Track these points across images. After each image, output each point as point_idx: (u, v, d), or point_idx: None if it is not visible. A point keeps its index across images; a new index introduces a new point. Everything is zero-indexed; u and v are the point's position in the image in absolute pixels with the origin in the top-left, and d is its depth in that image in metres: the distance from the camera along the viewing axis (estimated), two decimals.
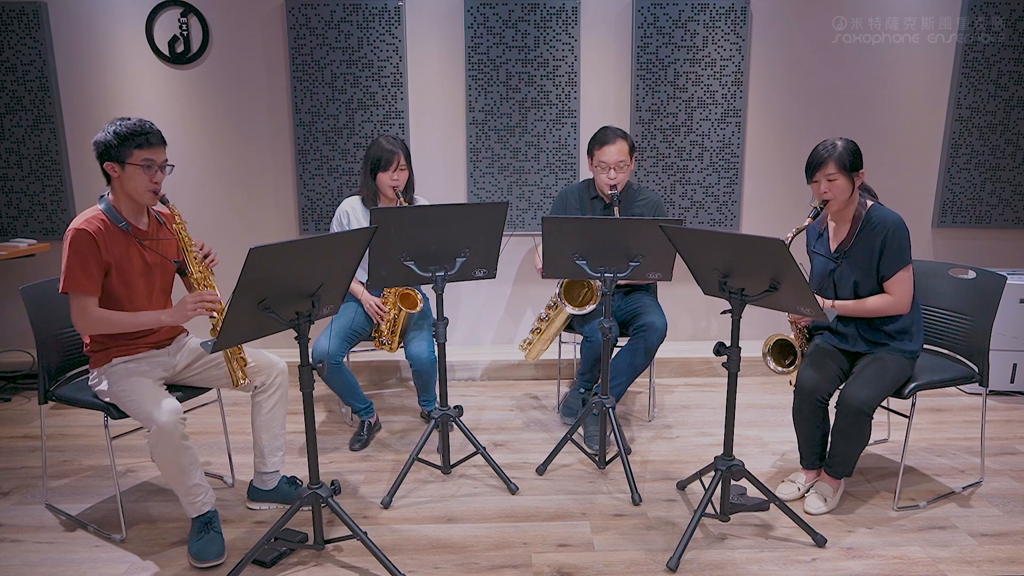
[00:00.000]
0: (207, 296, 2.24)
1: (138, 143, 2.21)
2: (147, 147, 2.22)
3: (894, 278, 2.44)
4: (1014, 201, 4.04)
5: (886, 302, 2.46)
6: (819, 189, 2.47)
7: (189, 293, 2.30)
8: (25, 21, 3.67)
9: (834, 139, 2.47)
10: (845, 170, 2.42)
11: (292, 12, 3.71)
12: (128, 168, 2.22)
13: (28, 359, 3.90)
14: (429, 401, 3.25)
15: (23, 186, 3.84)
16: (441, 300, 2.59)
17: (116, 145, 2.20)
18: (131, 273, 2.31)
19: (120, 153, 2.21)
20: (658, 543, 2.34)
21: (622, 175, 3.02)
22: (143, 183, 2.24)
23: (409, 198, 3.12)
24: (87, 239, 2.20)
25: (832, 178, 2.42)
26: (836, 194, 2.44)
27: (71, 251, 2.19)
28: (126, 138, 2.20)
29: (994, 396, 3.63)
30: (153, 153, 2.24)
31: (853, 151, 2.44)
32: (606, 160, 3.00)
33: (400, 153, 3.03)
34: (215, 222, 3.94)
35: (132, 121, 2.23)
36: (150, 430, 2.17)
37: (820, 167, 2.44)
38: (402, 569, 2.17)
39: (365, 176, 3.11)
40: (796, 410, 2.57)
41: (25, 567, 2.25)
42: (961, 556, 2.27)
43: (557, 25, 3.77)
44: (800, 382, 2.52)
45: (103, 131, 2.22)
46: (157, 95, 3.81)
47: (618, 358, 3.05)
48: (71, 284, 2.20)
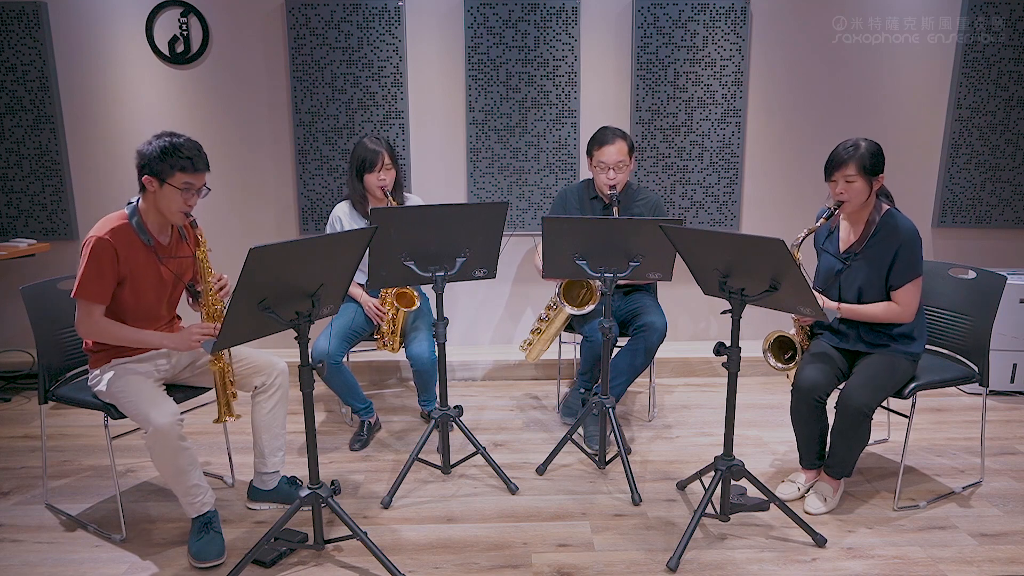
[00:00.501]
0: (215, 331, 2.23)
1: (182, 166, 2.19)
2: (191, 171, 2.21)
3: (903, 288, 2.42)
4: (1014, 201, 4.04)
5: (893, 311, 2.44)
6: (835, 189, 2.42)
7: (196, 324, 2.29)
8: (25, 21, 3.67)
9: (857, 139, 2.41)
10: (865, 173, 2.37)
11: (292, 12, 3.71)
12: (166, 187, 2.21)
13: (28, 359, 3.90)
14: (429, 401, 3.25)
15: (23, 186, 3.84)
16: (441, 300, 2.59)
17: (160, 161, 2.18)
18: (143, 286, 2.31)
19: (161, 170, 2.19)
20: (658, 543, 2.34)
21: (621, 175, 3.02)
22: (177, 204, 2.23)
23: (399, 198, 3.10)
24: (107, 249, 2.19)
25: (850, 179, 2.38)
26: (852, 196, 2.40)
27: (90, 258, 2.19)
28: (172, 157, 2.18)
29: (994, 396, 3.63)
30: (195, 178, 2.23)
31: (875, 153, 2.38)
32: (605, 160, 2.99)
33: (385, 152, 3.01)
34: (215, 222, 3.94)
35: (181, 140, 2.20)
36: (147, 431, 2.17)
37: (839, 167, 2.39)
38: (402, 569, 2.18)
39: (352, 179, 3.09)
40: (794, 410, 2.56)
41: (25, 567, 2.25)
42: (961, 556, 2.27)
43: (557, 25, 3.77)
44: (798, 381, 2.51)
45: (150, 143, 2.20)
46: (157, 95, 3.81)
47: (618, 358, 3.05)
48: (83, 291, 2.20)
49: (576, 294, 3.09)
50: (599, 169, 3.03)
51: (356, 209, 3.12)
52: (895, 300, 2.45)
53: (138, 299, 2.31)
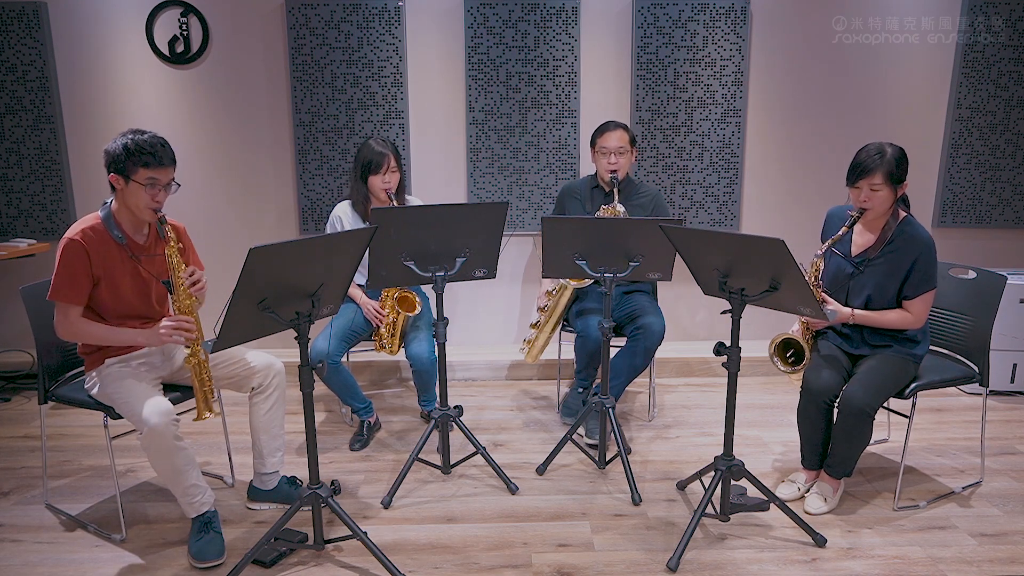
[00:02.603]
0: (183, 324, 2.22)
1: (145, 161, 2.18)
2: (154, 167, 2.20)
3: (918, 299, 2.41)
4: (1014, 201, 4.04)
5: (906, 320, 2.43)
6: (859, 196, 2.36)
7: (166, 317, 2.29)
8: (25, 21, 3.67)
9: (882, 144, 2.34)
10: (891, 181, 2.32)
11: (292, 12, 3.71)
12: (132, 184, 2.20)
13: (28, 359, 3.90)
14: (429, 401, 3.25)
15: (23, 186, 3.84)
16: (441, 300, 2.59)
17: (123, 159, 2.18)
18: (121, 286, 2.30)
19: (126, 167, 2.19)
20: (658, 543, 2.34)
21: (623, 160, 3.10)
22: (144, 200, 2.22)
23: (401, 201, 3.10)
24: (77, 250, 2.20)
25: (876, 188, 2.32)
26: (876, 205, 2.35)
27: (61, 260, 2.20)
28: (135, 154, 2.17)
29: (994, 396, 3.63)
30: (159, 173, 2.21)
31: (900, 160, 2.33)
32: (607, 145, 3.09)
33: (391, 155, 3.01)
34: (215, 222, 3.94)
35: (145, 137, 2.20)
36: (142, 432, 2.16)
37: (867, 175, 2.32)
38: (402, 569, 2.18)
39: (355, 180, 3.08)
40: (802, 411, 2.55)
41: (25, 567, 2.25)
42: (961, 556, 2.27)
43: (557, 25, 3.77)
44: (809, 383, 2.49)
45: (114, 141, 2.20)
46: (157, 95, 3.81)
47: (617, 359, 3.06)
48: (57, 293, 2.21)
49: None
50: (601, 155, 3.13)
51: (356, 210, 3.12)
52: (908, 309, 2.43)
53: (117, 298, 2.30)
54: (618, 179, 3.07)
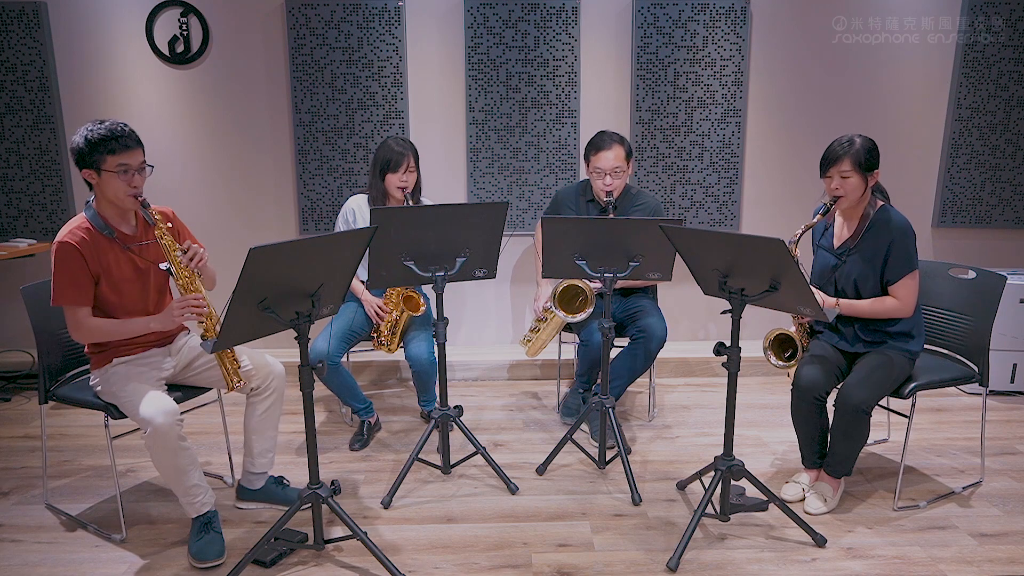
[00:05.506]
0: (192, 301, 2.20)
1: (110, 148, 2.15)
2: (121, 152, 2.16)
3: (899, 283, 2.43)
4: (1014, 201, 4.04)
5: (889, 305, 2.44)
6: (831, 185, 2.44)
7: (175, 299, 2.27)
8: (25, 21, 3.67)
9: (852, 135, 2.43)
10: (860, 168, 2.39)
11: (292, 12, 3.71)
12: (104, 175, 2.18)
13: (28, 359, 3.90)
14: (429, 401, 3.25)
15: (23, 186, 3.84)
16: (441, 300, 2.59)
17: (88, 152, 2.15)
18: (121, 280, 2.29)
19: (94, 160, 2.16)
20: (658, 543, 2.34)
21: (618, 181, 2.99)
22: (121, 188, 2.19)
23: (416, 200, 3.11)
24: (71, 252, 2.18)
25: (846, 175, 2.39)
26: (848, 192, 2.41)
27: (57, 264, 2.18)
28: (97, 144, 2.14)
29: (994, 396, 3.63)
30: (128, 157, 2.18)
31: (870, 150, 2.40)
32: (602, 167, 2.97)
33: (410, 155, 3.02)
34: (215, 222, 3.94)
35: (104, 125, 2.17)
36: (146, 431, 2.16)
37: (834, 163, 2.41)
38: (402, 569, 2.18)
39: (373, 177, 3.09)
40: (794, 409, 2.56)
41: (25, 567, 2.25)
42: (961, 556, 2.27)
43: (557, 25, 3.77)
44: (798, 380, 2.51)
45: (76, 136, 2.16)
46: (157, 95, 3.81)
47: (617, 360, 3.05)
48: (60, 298, 2.19)
49: (572, 298, 3.06)
50: (596, 175, 3.01)
51: (372, 205, 3.12)
52: (893, 295, 2.45)
53: (120, 294, 2.30)
54: (614, 200, 2.98)
